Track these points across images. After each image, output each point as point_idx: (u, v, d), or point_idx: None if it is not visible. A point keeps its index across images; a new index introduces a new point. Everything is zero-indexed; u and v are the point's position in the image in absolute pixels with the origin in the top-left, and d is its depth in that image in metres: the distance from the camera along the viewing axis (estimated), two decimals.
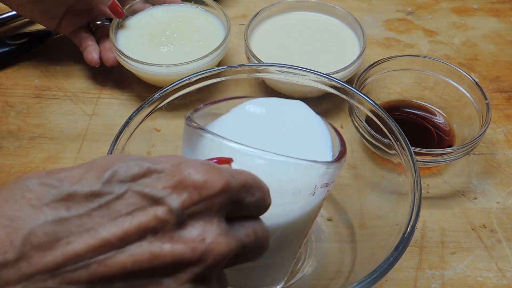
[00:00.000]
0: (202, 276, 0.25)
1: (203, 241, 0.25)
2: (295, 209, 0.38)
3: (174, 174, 0.25)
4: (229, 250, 0.26)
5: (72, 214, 0.24)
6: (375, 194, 0.52)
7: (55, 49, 0.72)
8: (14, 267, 0.23)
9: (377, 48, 0.74)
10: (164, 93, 0.45)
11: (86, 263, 0.23)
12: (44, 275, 0.23)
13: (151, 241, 0.24)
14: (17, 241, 0.23)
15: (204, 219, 0.25)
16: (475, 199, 0.56)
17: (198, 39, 0.66)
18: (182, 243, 0.25)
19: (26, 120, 0.63)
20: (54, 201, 0.24)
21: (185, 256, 0.24)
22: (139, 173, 0.25)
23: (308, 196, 0.37)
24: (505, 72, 0.70)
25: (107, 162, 0.26)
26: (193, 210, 0.25)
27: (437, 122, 0.61)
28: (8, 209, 0.24)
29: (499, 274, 0.50)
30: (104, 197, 0.25)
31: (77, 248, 0.23)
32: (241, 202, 0.27)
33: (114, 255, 0.24)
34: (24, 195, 0.24)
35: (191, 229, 0.25)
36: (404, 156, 0.44)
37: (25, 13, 0.66)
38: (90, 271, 0.24)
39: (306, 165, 0.34)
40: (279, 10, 0.70)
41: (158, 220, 0.24)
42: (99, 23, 0.68)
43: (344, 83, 0.49)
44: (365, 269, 0.42)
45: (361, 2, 0.81)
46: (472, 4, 0.81)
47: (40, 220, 0.24)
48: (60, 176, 0.25)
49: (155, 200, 0.25)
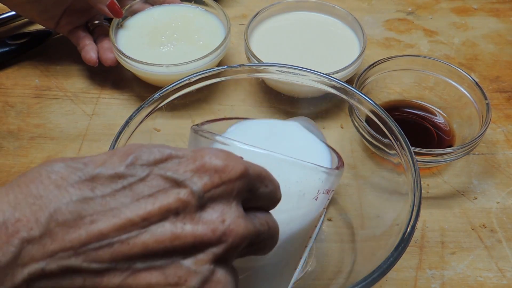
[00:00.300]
0: (221, 258, 0.26)
1: (223, 222, 0.25)
2: (298, 216, 0.38)
3: (195, 159, 0.26)
4: (247, 232, 0.26)
5: (96, 194, 0.25)
6: (375, 194, 0.52)
7: (55, 49, 0.72)
8: (38, 243, 0.23)
9: (377, 48, 0.74)
10: (164, 93, 0.45)
11: (110, 242, 0.24)
12: (68, 252, 0.24)
13: (173, 221, 0.25)
14: (42, 218, 0.24)
15: (223, 202, 0.26)
16: (475, 199, 0.56)
17: (198, 39, 0.66)
18: (203, 224, 0.25)
19: (26, 120, 0.63)
20: (79, 182, 0.25)
21: (206, 236, 0.25)
22: (161, 158, 0.26)
23: (311, 201, 0.38)
24: (505, 72, 0.70)
25: (130, 148, 0.27)
26: (214, 193, 0.26)
27: (437, 122, 0.61)
28: (33, 188, 0.24)
29: (499, 274, 0.50)
30: (127, 179, 0.25)
31: (101, 227, 0.24)
32: (256, 192, 0.28)
33: (137, 234, 0.24)
34: (49, 176, 0.25)
35: (211, 211, 0.26)
36: (404, 156, 0.44)
37: (23, 12, 0.66)
38: (113, 249, 0.24)
39: (310, 167, 0.36)
40: (279, 10, 0.70)
41: (180, 201, 0.25)
42: (97, 22, 0.68)
43: (344, 83, 0.49)
44: (365, 269, 0.42)
45: (361, 2, 0.81)
46: (472, 4, 0.81)
47: (65, 199, 0.24)
48: (84, 160, 0.26)
49: (177, 183, 0.25)
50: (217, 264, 0.26)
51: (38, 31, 0.72)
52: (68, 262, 0.24)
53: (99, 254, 0.24)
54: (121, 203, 0.25)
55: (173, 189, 0.25)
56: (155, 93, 0.45)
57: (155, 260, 0.25)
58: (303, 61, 0.63)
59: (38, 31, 0.72)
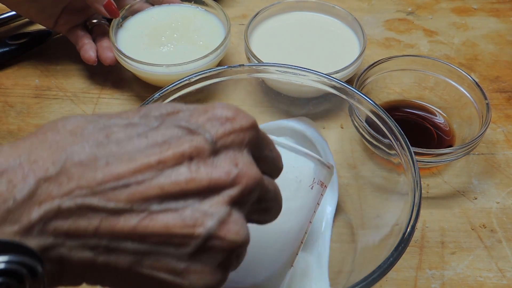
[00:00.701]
0: (237, 201, 0.26)
1: (236, 166, 0.26)
2: (295, 207, 0.39)
3: (206, 110, 0.27)
4: (260, 177, 0.27)
5: (111, 140, 0.25)
6: (375, 194, 0.52)
7: (55, 49, 0.72)
8: (55, 182, 0.24)
9: (377, 48, 0.74)
10: (164, 93, 0.45)
11: (126, 183, 0.24)
12: (84, 191, 0.24)
13: (188, 165, 0.25)
14: (58, 160, 0.24)
15: (235, 149, 0.27)
16: (475, 199, 0.56)
17: (198, 39, 0.66)
18: (217, 168, 0.26)
19: (26, 120, 0.63)
20: (94, 130, 0.26)
21: (220, 179, 0.25)
22: (173, 111, 0.27)
23: (307, 190, 0.38)
24: (505, 72, 0.70)
25: (141, 107, 0.28)
26: (226, 141, 0.27)
27: (437, 122, 0.61)
28: (50, 136, 0.25)
29: (499, 274, 0.50)
30: (141, 127, 0.26)
31: (117, 168, 0.24)
32: (262, 151, 0.29)
33: (153, 177, 0.25)
34: (65, 126, 0.26)
35: (224, 156, 0.26)
36: (404, 156, 0.44)
37: (21, 11, 0.66)
38: (129, 190, 0.24)
39: (305, 152, 0.38)
40: (279, 10, 0.70)
41: (194, 147, 0.26)
42: (96, 21, 0.68)
43: (344, 83, 0.49)
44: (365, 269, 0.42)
45: (361, 2, 0.82)
46: (472, 4, 0.81)
47: (81, 144, 0.25)
48: (99, 114, 0.27)
49: (191, 131, 0.26)
50: (233, 206, 0.26)
51: (38, 31, 0.72)
52: (84, 200, 0.24)
53: (115, 194, 0.24)
54: (136, 148, 0.25)
55: (187, 137, 0.26)
56: (155, 93, 0.45)
57: (171, 202, 0.25)
58: (303, 61, 0.63)
59: (38, 31, 0.72)
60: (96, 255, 0.24)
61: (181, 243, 0.25)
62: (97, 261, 0.24)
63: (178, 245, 0.25)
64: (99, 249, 0.24)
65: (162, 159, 0.25)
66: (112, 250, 0.24)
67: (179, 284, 0.26)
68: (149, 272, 0.25)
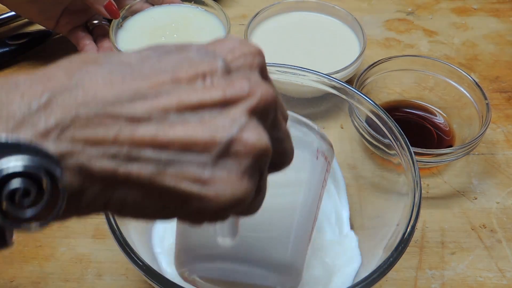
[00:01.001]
0: (255, 110, 0.26)
1: (249, 80, 0.27)
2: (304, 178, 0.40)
3: (215, 42, 0.28)
4: (274, 92, 0.27)
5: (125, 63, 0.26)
6: (375, 194, 0.52)
7: (55, 49, 0.72)
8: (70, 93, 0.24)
9: (377, 48, 0.74)
10: None
11: (143, 95, 0.24)
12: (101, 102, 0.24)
13: (202, 82, 0.26)
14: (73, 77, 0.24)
15: (246, 69, 0.28)
16: (475, 199, 0.56)
17: (198, 39, 0.66)
18: (231, 83, 0.26)
19: None
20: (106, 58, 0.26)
21: (235, 92, 0.26)
22: (183, 45, 0.28)
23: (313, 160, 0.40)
24: (505, 72, 0.70)
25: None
26: (237, 63, 0.27)
27: (437, 122, 0.61)
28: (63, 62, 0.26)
29: (499, 274, 0.50)
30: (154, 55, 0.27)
31: (133, 84, 0.24)
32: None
33: (169, 90, 0.25)
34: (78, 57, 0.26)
35: (237, 74, 0.27)
36: (404, 156, 0.44)
37: (22, 12, 0.66)
38: (147, 102, 0.24)
39: (307, 122, 0.40)
40: (279, 10, 0.70)
41: (207, 67, 0.26)
42: (96, 22, 0.68)
43: (344, 83, 0.49)
44: (365, 269, 0.42)
45: (361, 2, 0.82)
46: (472, 4, 0.81)
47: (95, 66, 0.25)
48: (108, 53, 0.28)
49: (203, 55, 0.27)
50: (251, 116, 0.26)
51: (38, 31, 0.72)
52: (101, 109, 0.23)
53: (133, 105, 0.24)
54: (150, 69, 0.25)
55: (200, 59, 0.26)
56: None
57: (190, 114, 0.25)
58: (303, 61, 0.63)
59: (38, 31, 0.72)
60: (117, 165, 0.24)
61: (204, 149, 0.25)
62: (118, 172, 0.24)
63: (200, 151, 0.25)
64: (119, 157, 0.24)
65: (178, 76, 0.25)
66: (133, 158, 0.24)
67: (204, 195, 0.25)
68: (173, 184, 0.25)
